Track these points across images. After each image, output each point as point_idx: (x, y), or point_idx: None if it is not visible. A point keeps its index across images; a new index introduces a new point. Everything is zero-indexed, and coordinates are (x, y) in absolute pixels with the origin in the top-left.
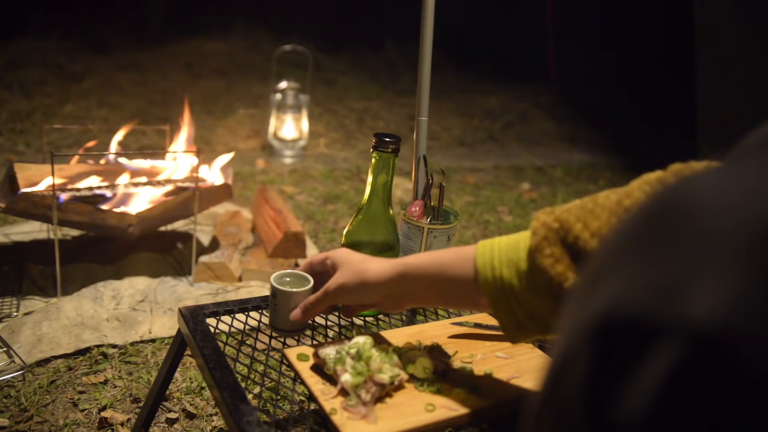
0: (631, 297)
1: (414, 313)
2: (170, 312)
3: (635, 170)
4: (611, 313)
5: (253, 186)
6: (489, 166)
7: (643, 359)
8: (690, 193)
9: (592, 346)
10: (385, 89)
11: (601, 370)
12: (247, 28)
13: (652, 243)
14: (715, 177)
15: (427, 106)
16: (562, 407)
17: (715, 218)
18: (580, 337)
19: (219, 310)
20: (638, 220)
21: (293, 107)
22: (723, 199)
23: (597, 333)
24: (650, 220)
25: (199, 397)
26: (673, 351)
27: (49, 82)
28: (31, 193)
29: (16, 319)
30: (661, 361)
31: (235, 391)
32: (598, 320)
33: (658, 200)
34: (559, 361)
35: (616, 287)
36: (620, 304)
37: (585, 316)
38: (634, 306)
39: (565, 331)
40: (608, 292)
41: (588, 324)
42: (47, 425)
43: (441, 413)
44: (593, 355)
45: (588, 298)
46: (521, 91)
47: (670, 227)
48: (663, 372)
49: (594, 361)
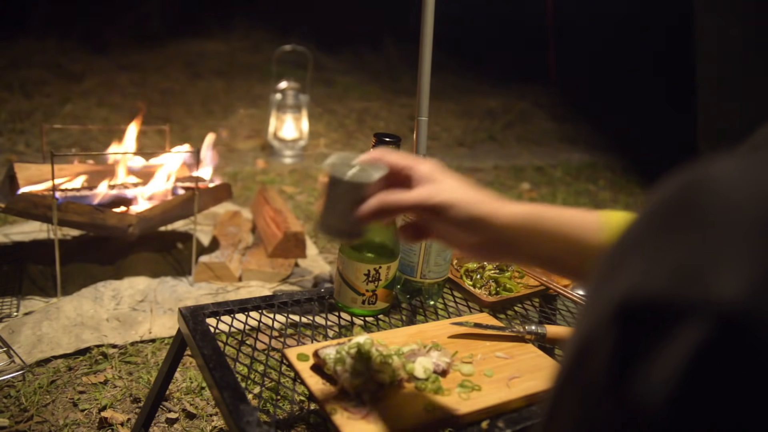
0: (655, 278)
1: (414, 313)
2: (170, 312)
3: (635, 170)
4: (635, 294)
5: (253, 186)
6: (489, 166)
7: (666, 340)
8: (711, 178)
9: (615, 327)
10: (385, 89)
11: (625, 351)
12: (247, 28)
13: (674, 226)
14: (737, 162)
15: (427, 106)
16: (586, 388)
17: (738, 201)
18: (603, 318)
19: (219, 310)
20: (659, 204)
21: (293, 107)
22: (744, 182)
23: (621, 314)
24: (671, 204)
25: (199, 397)
26: (696, 332)
27: (49, 82)
28: (31, 193)
29: (16, 319)
30: (685, 342)
31: (235, 391)
32: (621, 302)
33: (679, 184)
34: (582, 342)
35: (639, 269)
36: (643, 285)
37: (608, 297)
38: (658, 287)
39: (588, 313)
40: (631, 273)
41: (612, 306)
42: (47, 425)
43: (441, 413)
44: (617, 337)
45: (611, 280)
46: (521, 91)
47: (692, 210)
48: (687, 353)
49: (618, 343)
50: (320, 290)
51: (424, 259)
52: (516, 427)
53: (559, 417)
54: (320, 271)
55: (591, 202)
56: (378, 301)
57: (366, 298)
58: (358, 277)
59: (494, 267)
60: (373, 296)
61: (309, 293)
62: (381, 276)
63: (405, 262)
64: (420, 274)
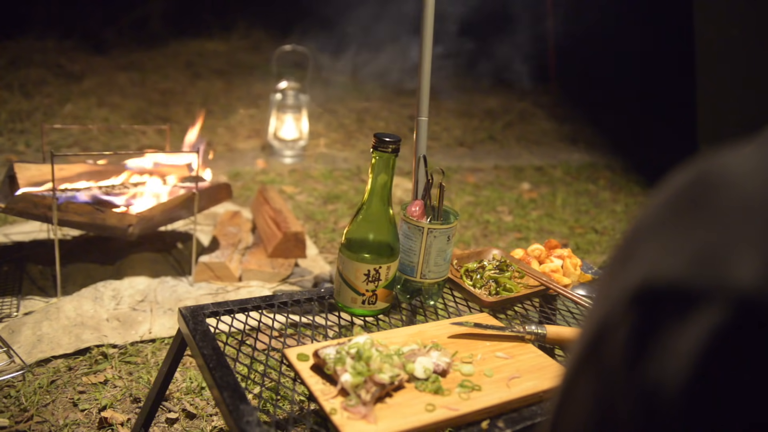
0: (672, 263)
1: (414, 313)
2: (170, 312)
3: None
4: (653, 279)
5: (253, 186)
6: (489, 166)
7: (684, 324)
8: (726, 167)
9: (633, 311)
10: (385, 89)
11: (643, 335)
12: (247, 28)
13: (691, 214)
14: (751, 153)
15: (427, 106)
16: (603, 373)
17: (753, 190)
18: (620, 303)
19: (219, 310)
20: (674, 192)
21: (293, 107)
22: (759, 172)
23: (639, 299)
24: (687, 191)
25: (199, 397)
26: (714, 315)
27: (49, 82)
28: (31, 193)
29: (16, 319)
30: (702, 326)
31: (235, 391)
32: (640, 286)
33: (693, 173)
34: (597, 327)
35: (656, 255)
36: (660, 270)
37: (625, 283)
38: (675, 271)
39: (603, 298)
40: (649, 259)
41: (629, 290)
42: (47, 425)
43: (441, 413)
44: (635, 321)
45: (627, 266)
46: (521, 91)
47: (708, 199)
48: (704, 337)
49: (635, 327)
50: (320, 290)
51: (424, 259)
52: (516, 427)
53: (572, 406)
54: (320, 271)
55: (591, 202)
56: (378, 301)
57: (366, 298)
58: (358, 277)
59: (494, 267)
60: (373, 296)
61: (309, 293)
62: (381, 276)
63: (405, 262)
64: (420, 274)
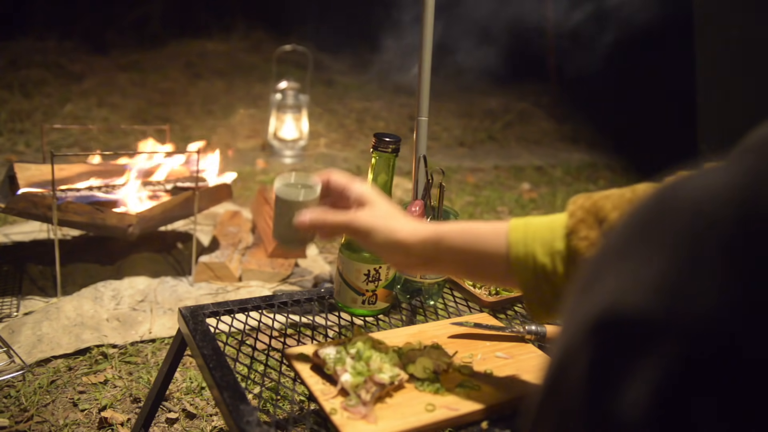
0: (631, 295)
1: (414, 313)
2: (170, 312)
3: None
4: (611, 311)
5: (253, 186)
6: (489, 166)
7: (643, 357)
8: (686, 189)
9: (592, 343)
10: (385, 89)
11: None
12: (247, 28)
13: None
14: (718, 171)
15: (427, 106)
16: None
17: (715, 215)
18: (580, 334)
19: (219, 310)
20: (635, 219)
21: (293, 107)
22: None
23: (597, 330)
24: (646, 219)
25: (199, 397)
26: (672, 348)
27: (49, 82)
28: (31, 193)
29: (16, 319)
30: (662, 359)
31: (235, 391)
32: (597, 318)
33: (654, 199)
34: (560, 357)
35: (616, 285)
36: (620, 301)
37: (585, 313)
38: (635, 304)
39: (566, 327)
40: (608, 289)
41: (588, 321)
42: (47, 425)
43: (441, 413)
44: (593, 352)
45: (588, 296)
46: (521, 91)
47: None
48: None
49: (594, 358)
50: (320, 290)
51: None
52: (516, 427)
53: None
54: (320, 271)
55: None
56: (378, 301)
57: (366, 298)
58: (358, 277)
59: None
60: (373, 296)
61: (309, 293)
62: (381, 276)
63: None
64: (420, 274)
